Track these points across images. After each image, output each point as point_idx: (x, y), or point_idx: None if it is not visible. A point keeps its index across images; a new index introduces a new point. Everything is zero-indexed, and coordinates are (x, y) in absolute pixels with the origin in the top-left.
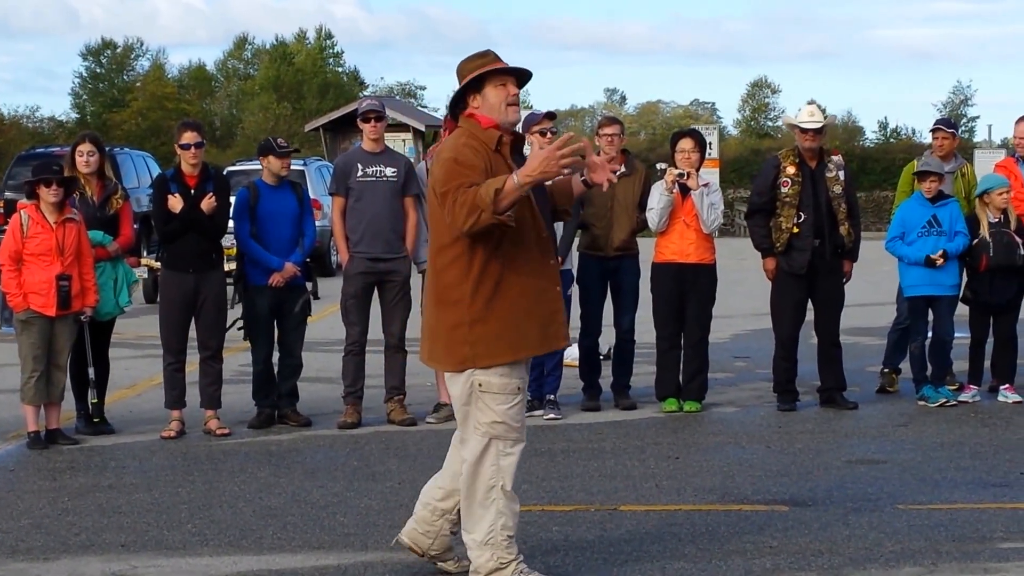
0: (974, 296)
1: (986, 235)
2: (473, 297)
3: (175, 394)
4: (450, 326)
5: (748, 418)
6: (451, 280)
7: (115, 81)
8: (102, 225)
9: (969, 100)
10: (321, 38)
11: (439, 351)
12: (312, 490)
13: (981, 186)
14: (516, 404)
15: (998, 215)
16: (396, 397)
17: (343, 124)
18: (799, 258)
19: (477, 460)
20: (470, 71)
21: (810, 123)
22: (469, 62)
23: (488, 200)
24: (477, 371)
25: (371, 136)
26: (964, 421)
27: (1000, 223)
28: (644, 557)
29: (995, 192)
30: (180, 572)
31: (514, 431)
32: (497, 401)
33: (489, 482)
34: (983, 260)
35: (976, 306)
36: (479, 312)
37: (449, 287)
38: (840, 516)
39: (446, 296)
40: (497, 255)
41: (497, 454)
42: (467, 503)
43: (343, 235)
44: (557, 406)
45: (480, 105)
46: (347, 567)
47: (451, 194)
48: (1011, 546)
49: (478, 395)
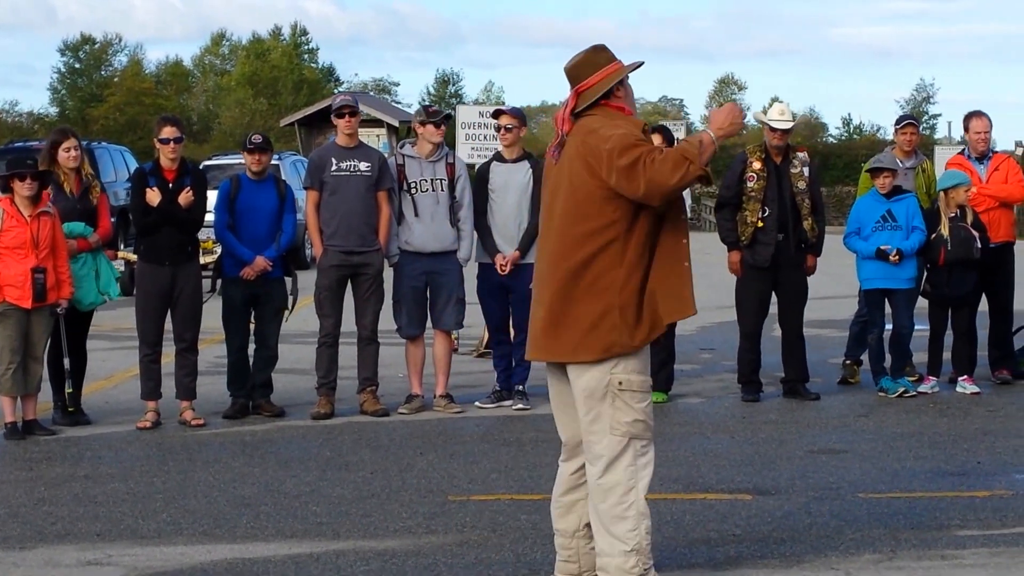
0: (933, 289)
1: (944, 230)
2: (626, 283)
3: (151, 385)
4: (598, 314)
5: (713, 409)
6: (603, 267)
7: (93, 76)
8: (83, 217)
9: (931, 98)
10: (296, 35)
11: (574, 341)
12: (285, 480)
13: (944, 182)
14: (650, 400)
15: (955, 210)
16: (369, 388)
17: (318, 119)
18: (763, 252)
19: (614, 461)
20: (615, 67)
21: (780, 122)
22: (604, 53)
23: (695, 152)
24: (617, 369)
25: (345, 131)
26: (923, 412)
27: (956, 217)
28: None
29: (961, 189)
30: (154, 561)
31: (649, 429)
32: (636, 399)
33: (628, 483)
34: (941, 254)
35: (934, 299)
36: (629, 298)
37: (600, 274)
38: (802, 505)
39: (596, 284)
40: (649, 239)
41: (635, 454)
42: (604, 507)
43: (317, 228)
44: (526, 396)
45: (623, 96)
46: (320, 555)
47: (644, 158)
48: (968, 533)
49: (616, 394)
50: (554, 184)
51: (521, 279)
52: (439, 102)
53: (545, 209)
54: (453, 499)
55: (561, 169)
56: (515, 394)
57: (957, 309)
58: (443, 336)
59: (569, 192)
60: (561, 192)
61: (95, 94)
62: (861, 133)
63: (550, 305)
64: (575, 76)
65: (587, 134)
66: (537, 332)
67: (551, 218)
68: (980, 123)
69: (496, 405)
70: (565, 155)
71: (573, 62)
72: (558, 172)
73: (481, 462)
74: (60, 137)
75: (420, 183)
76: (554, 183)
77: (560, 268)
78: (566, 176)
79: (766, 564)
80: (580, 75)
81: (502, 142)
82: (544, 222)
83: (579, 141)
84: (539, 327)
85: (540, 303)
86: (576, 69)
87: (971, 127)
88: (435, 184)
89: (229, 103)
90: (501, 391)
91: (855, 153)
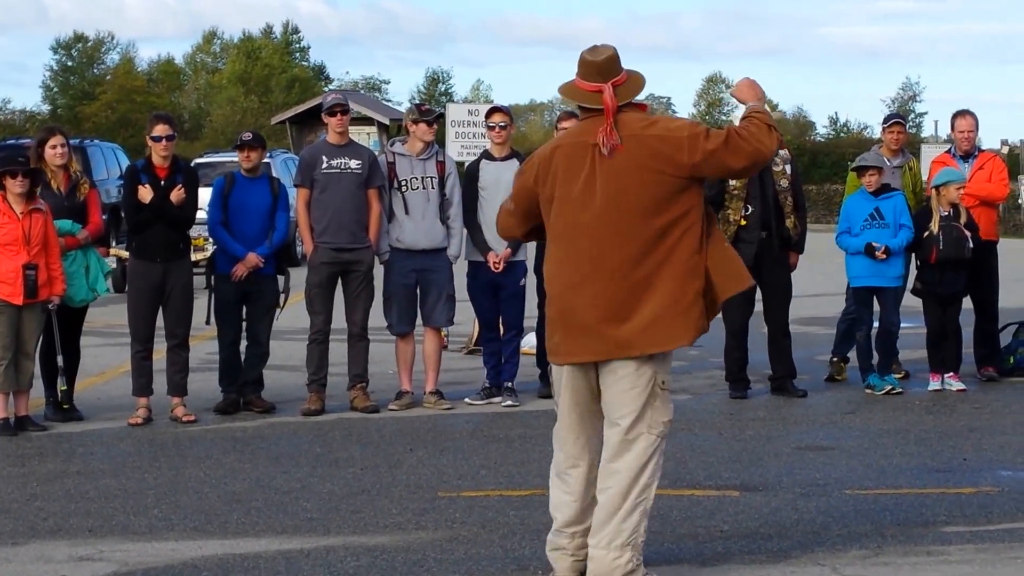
0: (924, 287)
1: (936, 228)
2: (702, 267)
3: (142, 382)
4: (690, 300)
5: (701, 405)
6: (686, 254)
7: (85, 74)
8: (71, 214)
9: (917, 96)
10: (287, 33)
11: (678, 327)
12: (276, 476)
13: (938, 179)
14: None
15: (948, 209)
16: (359, 385)
17: (309, 117)
18: (747, 250)
19: (646, 460)
20: (633, 72)
21: None
22: (617, 62)
23: (770, 118)
24: (660, 369)
25: (336, 129)
26: (909, 409)
27: (950, 216)
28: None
29: (953, 186)
30: (146, 556)
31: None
32: (669, 399)
33: (646, 481)
34: (933, 252)
35: (927, 297)
36: (704, 281)
37: (685, 261)
38: (789, 501)
39: (682, 271)
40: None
41: (661, 454)
42: (619, 502)
43: (308, 226)
44: (515, 393)
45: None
46: (310, 551)
47: (733, 133)
48: (953, 530)
49: (658, 393)
50: (605, 179)
51: (511, 276)
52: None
53: (582, 204)
54: (443, 495)
55: (615, 164)
56: (504, 391)
57: (945, 307)
58: (433, 333)
59: (639, 186)
60: (623, 186)
61: (87, 92)
62: (848, 132)
63: (630, 300)
64: (610, 70)
65: (644, 127)
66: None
67: (612, 212)
68: (964, 122)
69: (486, 402)
70: (622, 157)
71: (606, 55)
72: (609, 167)
73: (471, 458)
74: (47, 135)
75: (411, 181)
76: (605, 178)
77: (646, 261)
78: (628, 171)
79: (753, 560)
80: (614, 69)
81: (496, 139)
82: (593, 216)
83: (635, 134)
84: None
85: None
86: (611, 63)
87: (956, 126)
88: (425, 182)
89: (220, 101)
90: (491, 388)
91: (842, 152)
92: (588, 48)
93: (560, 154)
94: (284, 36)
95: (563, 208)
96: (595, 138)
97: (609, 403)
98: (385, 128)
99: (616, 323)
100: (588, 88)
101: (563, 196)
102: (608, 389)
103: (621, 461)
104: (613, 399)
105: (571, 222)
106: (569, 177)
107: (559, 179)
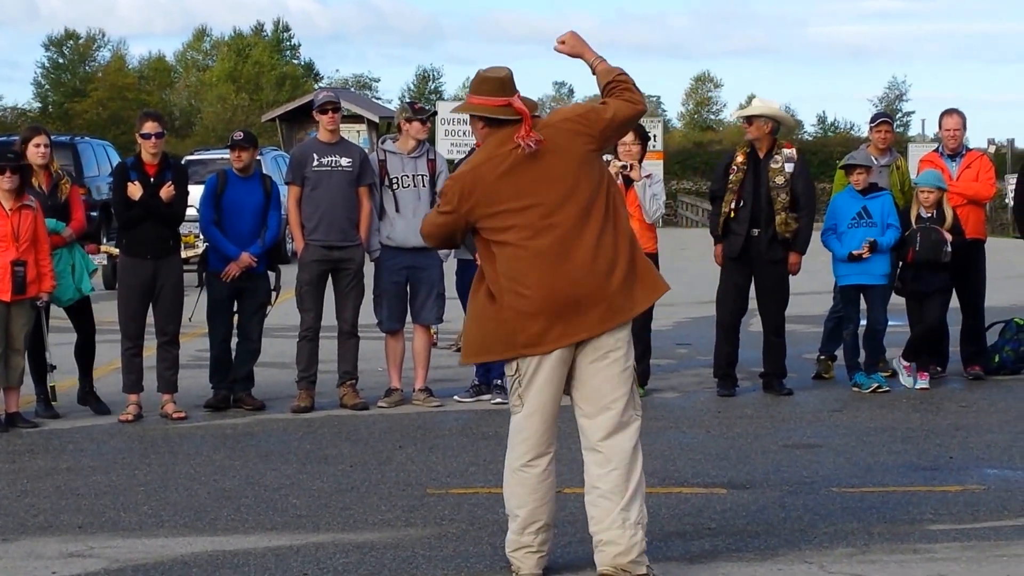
0: (903, 286)
1: (914, 228)
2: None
3: (132, 378)
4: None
5: (689, 403)
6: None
7: (77, 71)
8: (54, 212)
9: (904, 95)
10: (278, 31)
11: (654, 279)
12: (266, 473)
13: (919, 179)
14: None
15: (931, 211)
16: (348, 382)
17: (299, 115)
18: (734, 242)
19: (636, 441)
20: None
21: (745, 112)
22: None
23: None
24: (631, 359)
25: (327, 127)
26: (896, 407)
27: (932, 218)
28: (587, 538)
29: (919, 188)
30: (136, 553)
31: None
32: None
33: (640, 463)
34: (910, 253)
35: (907, 295)
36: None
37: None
38: (776, 499)
39: (629, 231)
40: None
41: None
42: (625, 485)
43: (299, 224)
44: (504, 391)
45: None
46: (300, 548)
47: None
48: (940, 528)
49: (632, 380)
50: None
51: None
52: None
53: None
54: (432, 492)
55: (544, 158)
56: (493, 388)
57: (925, 304)
58: (423, 331)
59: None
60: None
61: (78, 89)
62: (836, 130)
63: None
64: (511, 86)
65: (551, 121)
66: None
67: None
68: (951, 120)
69: (475, 399)
70: (547, 150)
71: (506, 73)
72: (539, 162)
73: (460, 455)
74: (30, 134)
75: (402, 179)
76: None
77: (605, 233)
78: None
79: (740, 557)
80: (513, 86)
81: None
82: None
83: (548, 125)
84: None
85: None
86: (511, 80)
87: (943, 124)
88: (416, 180)
89: (211, 98)
90: (480, 385)
91: (830, 150)
92: (484, 69)
93: (485, 170)
94: (275, 34)
95: (514, 215)
96: (509, 144)
97: (598, 388)
98: (375, 126)
99: (605, 293)
100: (496, 103)
101: (508, 206)
102: (598, 374)
103: (618, 445)
104: (604, 383)
105: (528, 222)
106: (499, 187)
107: (494, 195)
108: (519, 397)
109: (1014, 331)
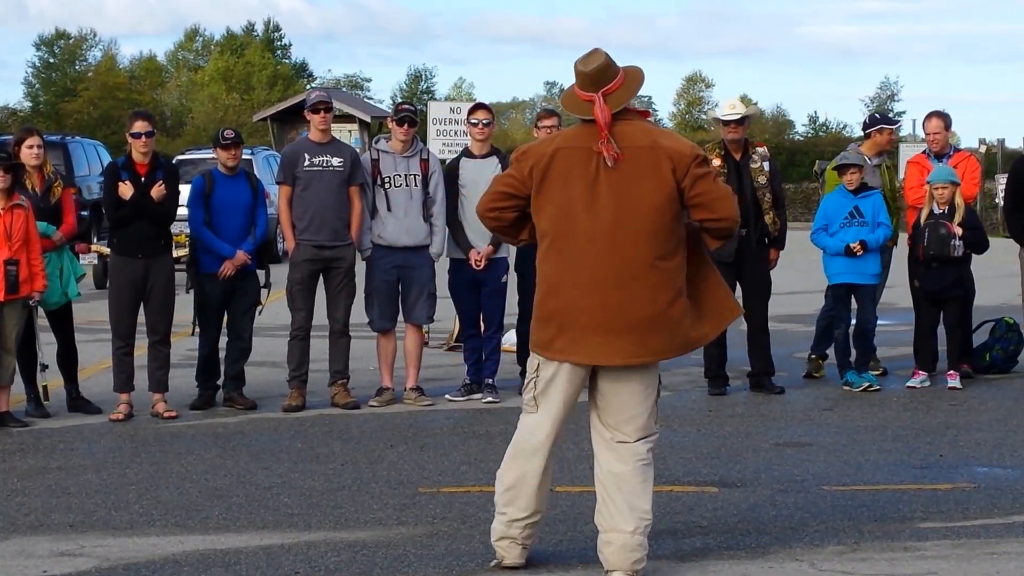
0: (919, 285)
1: (922, 225)
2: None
3: (123, 377)
4: (684, 310)
5: (680, 402)
6: (680, 265)
7: (67, 71)
8: (45, 215)
9: (896, 96)
10: (269, 31)
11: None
12: (257, 471)
13: (931, 176)
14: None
15: (943, 207)
16: (340, 381)
17: (290, 115)
18: (727, 246)
19: (649, 448)
20: (633, 71)
21: (730, 115)
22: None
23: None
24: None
25: (319, 127)
26: (887, 405)
27: (943, 214)
28: (579, 536)
29: (933, 185)
30: (127, 552)
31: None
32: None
33: (652, 467)
34: (919, 249)
35: (918, 294)
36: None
37: (680, 272)
38: (767, 497)
39: (679, 282)
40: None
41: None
42: (641, 496)
43: (290, 223)
44: (495, 390)
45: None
46: (291, 546)
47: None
48: (930, 526)
49: (655, 395)
50: (610, 187)
51: (493, 273)
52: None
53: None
54: (423, 491)
55: (619, 174)
56: (485, 387)
57: (945, 304)
58: (414, 330)
59: (655, 191)
60: (635, 192)
61: (69, 88)
62: (827, 130)
63: (649, 305)
64: (600, 79)
65: (658, 137)
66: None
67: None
68: (932, 124)
69: (466, 398)
70: (630, 158)
71: (596, 65)
72: (614, 176)
73: (451, 454)
74: (24, 135)
75: (394, 178)
76: (610, 186)
77: (659, 268)
78: (642, 177)
79: (732, 556)
80: (604, 78)
81: (477, 136)
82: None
83: (639, 146)
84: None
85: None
86: (601, 72)
87: (926, 127)
88: (409, 179)
89: (202, 98)
90: (471, 384)
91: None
92: (581, 57)
93: (560, 157)
94: (266, 33)
95: (563, 212)
96: (597, 145)
97: (622, 403)
98: (367, 126)
99: (652, 326)
100: (583, 98)
101: (564, 200)
102: (621, 392)
103: (632, 450)
104: (628, 399)
105: (574, 227)
106: (570, 181)
107: (557, 182)
108: (534, 400)
109: (1004, 330)
